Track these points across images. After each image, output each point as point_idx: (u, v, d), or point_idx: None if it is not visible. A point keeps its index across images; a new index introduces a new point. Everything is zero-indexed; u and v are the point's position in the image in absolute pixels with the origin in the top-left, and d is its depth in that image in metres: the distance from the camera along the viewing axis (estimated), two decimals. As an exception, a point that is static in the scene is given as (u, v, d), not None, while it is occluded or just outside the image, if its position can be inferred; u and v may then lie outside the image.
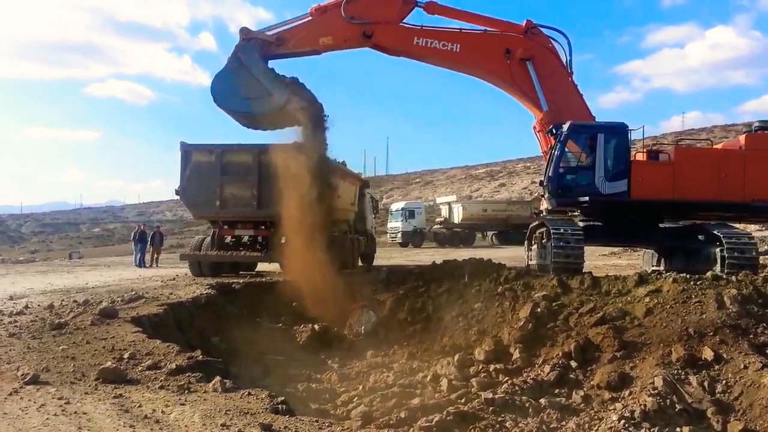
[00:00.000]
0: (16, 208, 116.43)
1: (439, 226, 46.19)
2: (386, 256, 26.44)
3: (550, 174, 13.60)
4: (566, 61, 14.61)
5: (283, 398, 5.27)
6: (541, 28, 14.74)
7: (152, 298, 11.29)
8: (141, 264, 22.93)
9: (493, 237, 45.73)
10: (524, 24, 14.65)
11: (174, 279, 15.13)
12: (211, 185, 15.11)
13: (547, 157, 14.19)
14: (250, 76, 14.22)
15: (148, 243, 23.80)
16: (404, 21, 14.76)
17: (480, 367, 9.05)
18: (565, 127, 13.45)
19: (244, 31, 14.52)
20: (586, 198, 13.20)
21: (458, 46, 14.47)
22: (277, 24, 15.22)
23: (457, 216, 44.39)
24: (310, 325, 11.97)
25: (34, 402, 5.06)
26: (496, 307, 10.95)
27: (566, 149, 13.52)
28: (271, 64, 14.72)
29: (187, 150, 15.36)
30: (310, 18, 14.56)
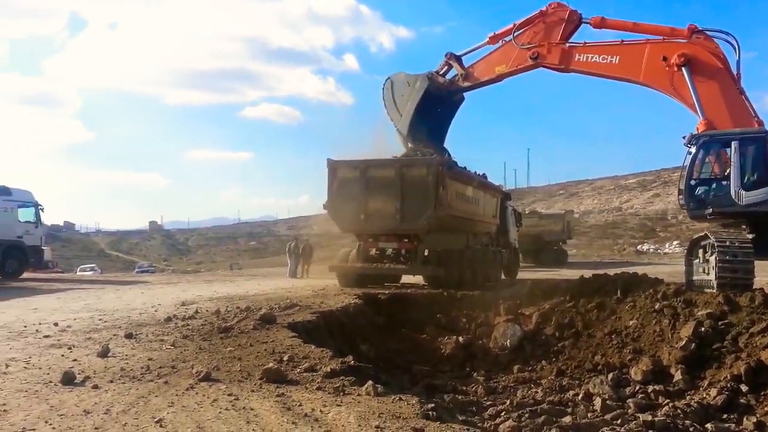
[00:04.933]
0: (183, 224, 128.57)
1: None
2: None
3: (681, 186, 13.09)
4: (734, 64, 13.71)
5: (433, 404, 5.36)
6: (705, 32, 14.09)
7: (305, 306, 11.93)
8: (293, 274, 24.34)
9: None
10: (687, 29, 14.03)
11: (324, 289, 15.87)
12: (356, 199, 15.71)
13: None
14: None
15: (299, 255, 25.27)
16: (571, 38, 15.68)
17: (637, 388, 8.58)
18: (697, 135, 12.87)
19: (450, 56, 17.13)
20: (720, 210, 12.52)
21: (617, 57, 14.82)
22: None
23: None
24: (454, 337, 12.00)
25: (208, 397, 5.56)
26: (653, 325, 10.31)
27: (700, 159, 12.90)
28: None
29: (333, 166, 16.12)
30: (488, 42, 16.76)
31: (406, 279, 18.17)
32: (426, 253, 16.33)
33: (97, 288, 19.65)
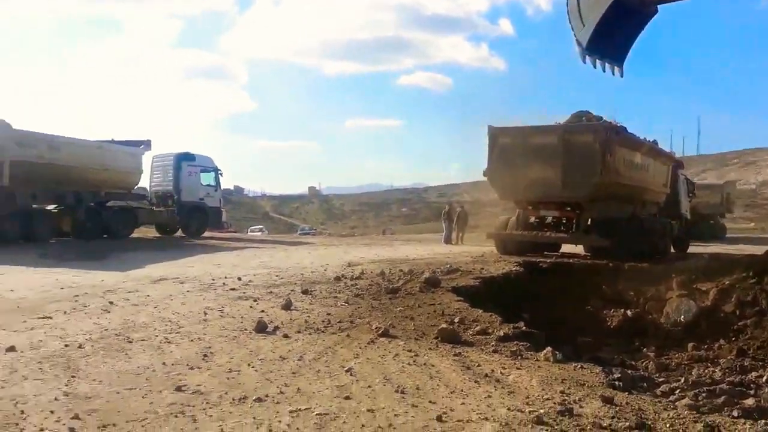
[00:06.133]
0: (339, 189, 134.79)
1: None
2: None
3: None
4: None
5: (620, 374, 5.20)
6: None
7: (466, 272, 12.03)
8: (448, 240, 24.61)
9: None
10: None
11: (482, 255, 15.87)
12: (517, 167, 15.38)
13: None
14: None
15: (454, 221, 25.47)
16: None
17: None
18: None
19: None
20: None
21: None
22: None
23: None
24: (621, 309, 11.49)
25: (389, 352, 5.83)
26: None
27: None
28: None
29: (494, 133, 15.89)
30: None
31: (566, 248, 17.63)
32: (589, 222, 15.71)
33: (268, 247, 21.30)
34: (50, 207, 20.95)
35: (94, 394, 4.47)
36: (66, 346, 5.86)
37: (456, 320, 7.30)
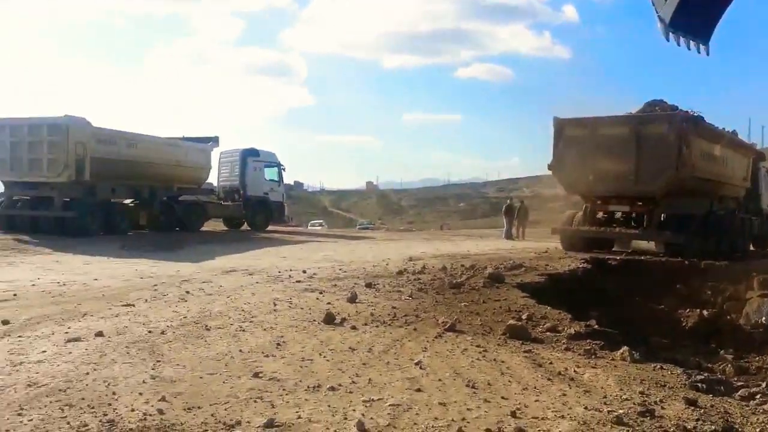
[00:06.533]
0: (396, 184, 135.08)
1: None
2: None
3: None
4: None
5: (704, 376, 5.01)
6: None
7: (531, 268, 11.83)
8: (509, 236, 24.27)
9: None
10: None
11: (546, 251, 15.57)
12: (585, 159, 14.96)
13: None
14: None
15: (515, 217, 25.09)
16: None
17: None
18: None
19: None
20: None
21: None
22: None
23: None
24: (697, 310, 11.05)
25: (457, 346, 5.82)
26: None
27: None
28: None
29: (560, 124, 15.51)
30: None
31: (636, 245, 17.08)
32: (662, 218, 15.13)
33: (330, 241, 21.60)
34: (127, 201, 21.88)
35: (179, 378, 4.67)
36: (149, 332, 6.15)
37: (524, 317, 7.20)
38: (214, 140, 25.58)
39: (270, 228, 27.08)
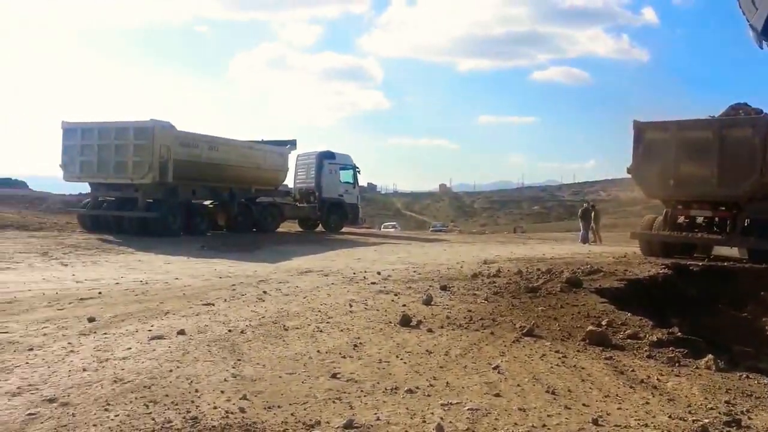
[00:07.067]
0: (469, 187, 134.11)
1: None
2: None
3: None
4: None
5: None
6: None
7: (609, 273, 11.51)
8: (585, 240, 23.69)
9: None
10: None
11: (625, 256, 15.12)
12: (666, 163, 14.57)
13: None
14: None
15: (591, 221, 24.48)
16: None
17: None
18: None
19: None
20: None
21: None
22: None
23: None
24: (786, 319, 10.47)
25: (535, 351, 5.78)
26: None
27: None
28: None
29: (640, 128, 15.15)
30: None
31: (717, 251, 16.32)
32: (746, 223, 14.48)
33: (403, 243, 21.73)
34: (207, 202, 22.79)
35: (259, 377, 4.84)
36: (229, 331, 6.38)
37: (603, 323, 7.06)
38: (292, 143, 26.28)
39: (344, 230, 27.50)
